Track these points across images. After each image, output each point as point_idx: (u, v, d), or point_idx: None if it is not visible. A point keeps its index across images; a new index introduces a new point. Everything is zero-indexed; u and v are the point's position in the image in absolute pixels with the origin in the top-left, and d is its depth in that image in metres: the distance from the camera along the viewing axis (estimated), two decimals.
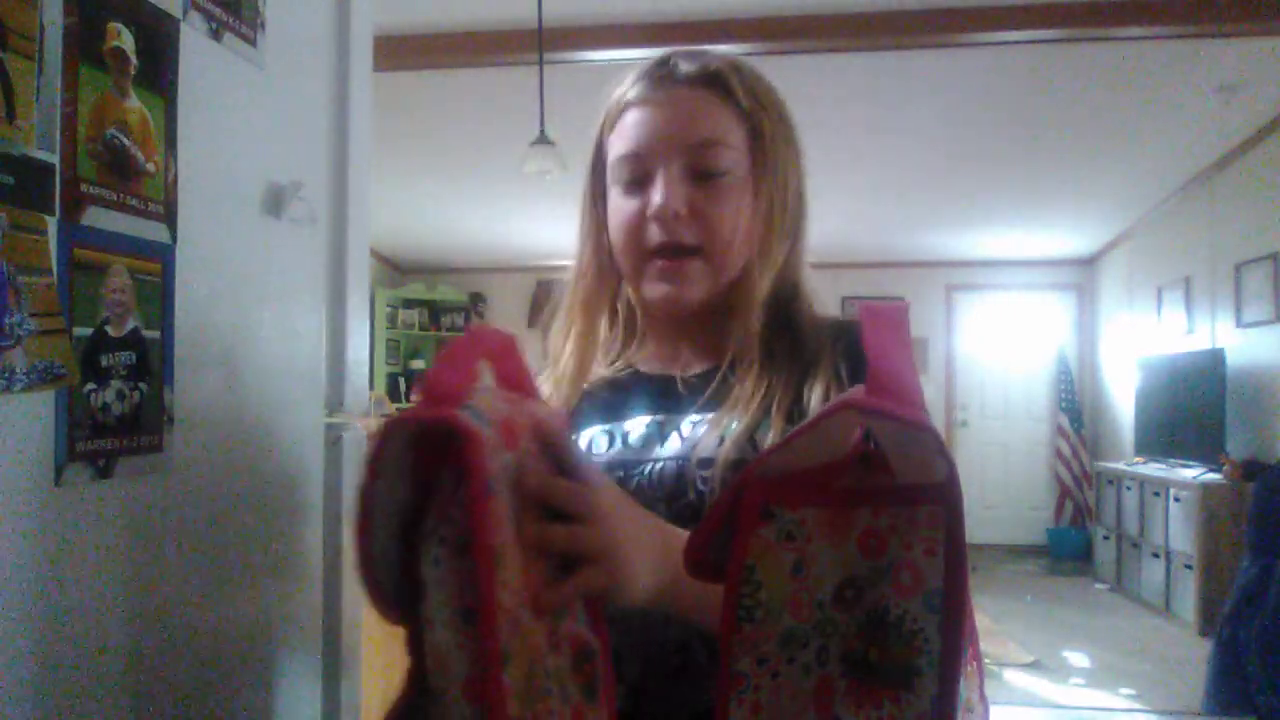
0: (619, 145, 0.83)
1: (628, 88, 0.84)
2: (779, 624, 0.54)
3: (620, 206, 0.83)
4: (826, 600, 0.54)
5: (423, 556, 0.56)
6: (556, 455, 0.63)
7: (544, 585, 0.57)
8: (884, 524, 0.53)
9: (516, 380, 0.64)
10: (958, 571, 0.50)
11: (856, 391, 0.54)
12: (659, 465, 0.79)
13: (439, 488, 0.57)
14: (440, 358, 0.58)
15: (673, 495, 0.77)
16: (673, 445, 0.80)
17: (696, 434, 0.80)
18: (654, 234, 0.80)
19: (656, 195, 0.79)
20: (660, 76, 0.83)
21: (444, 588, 0.55)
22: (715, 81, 0.83)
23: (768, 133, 0.84)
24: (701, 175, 0.81)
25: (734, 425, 0.78)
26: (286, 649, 0.72)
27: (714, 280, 0.83)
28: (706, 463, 0.77)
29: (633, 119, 0.83)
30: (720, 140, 0.81)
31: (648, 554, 0.62)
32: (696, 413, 0.82)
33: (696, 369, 0.86)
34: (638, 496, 0.75)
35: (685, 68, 0.83)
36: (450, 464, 0.57)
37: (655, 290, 0.83)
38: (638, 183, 0.82)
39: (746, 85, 0.84)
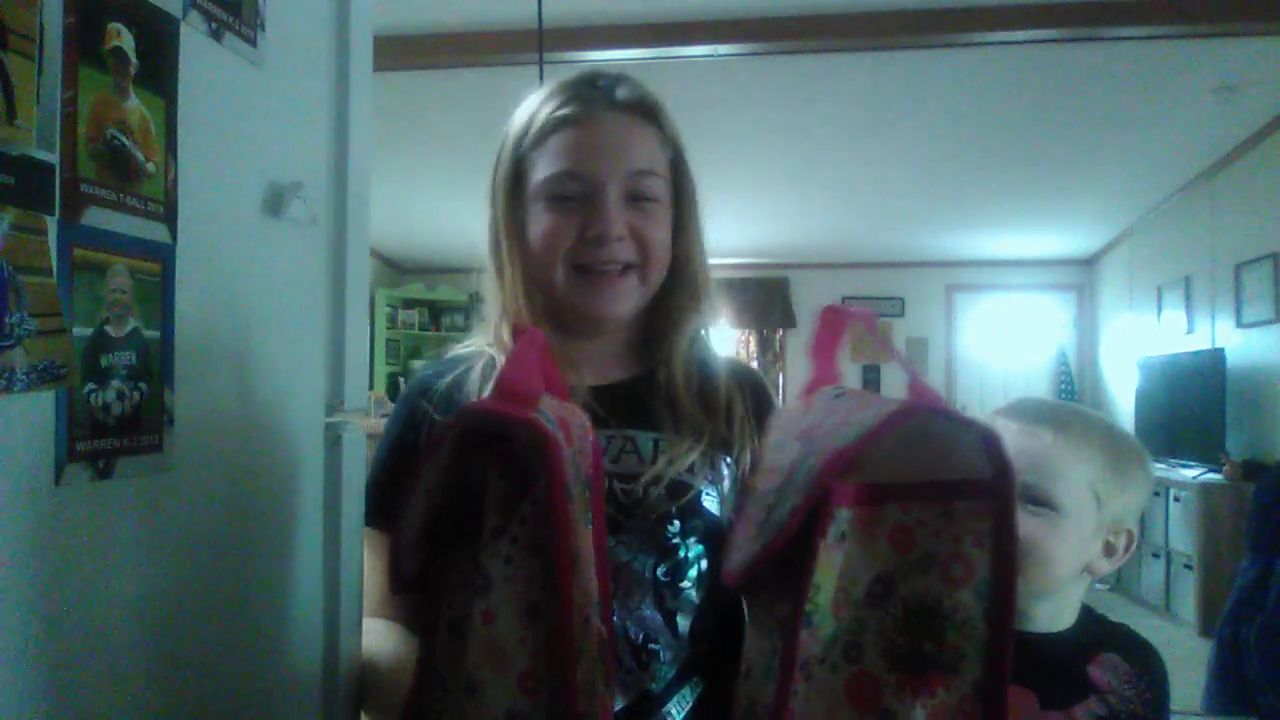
0: (553, 162, 0.86)
1: (559, 103, 0.86)
2: (827, 627, 0.54)
3: (550, 220, 0.86)
4: (860, 598, 0.54)
5: (486, 553, 0.58)
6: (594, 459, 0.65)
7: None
8: (912, 519, 0.54)
9: (551, 380, 0.67)
10: (1005, 562, 0.51)
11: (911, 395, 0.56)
12: (654, 483, 0.82)
13: (485, 484, 0.60)
14: (512, 359, 0.61)
15: (663, 519, 0.82)
16: (660, 464, 0.84)
17: (673, 454, 0.84)
18: (593, 253, 0.85)
19: (602, 221, 0.84)
20: (596, 98, 0.86)
21: (512, 584, 0.57)
22: (649, 111, 0.89)
23: (684, 164, 0.92)
24: (635, 198, 0.86)
25: (694, 455, 0.85)
26: (286, 648, 0.72)
27: (641, 297, 0.90)
28: (685, 487, 0.83)
29: (570, 138, 0.85)
30: (654, 170, 0.87)
31: None
32: (629, 429, 0.86)
33: (595, 381, 0.89)
34: (628, 509, 0.81)
35: (622, 94, 0.87)
36: (502, 463, 0.59)
37: (593, 303, 0.87)
38: (571, 199, 0.85)
39: (668, 117, 0.91)
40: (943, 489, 0.53)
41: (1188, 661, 4.00)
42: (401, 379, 7.11)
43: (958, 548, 0.52)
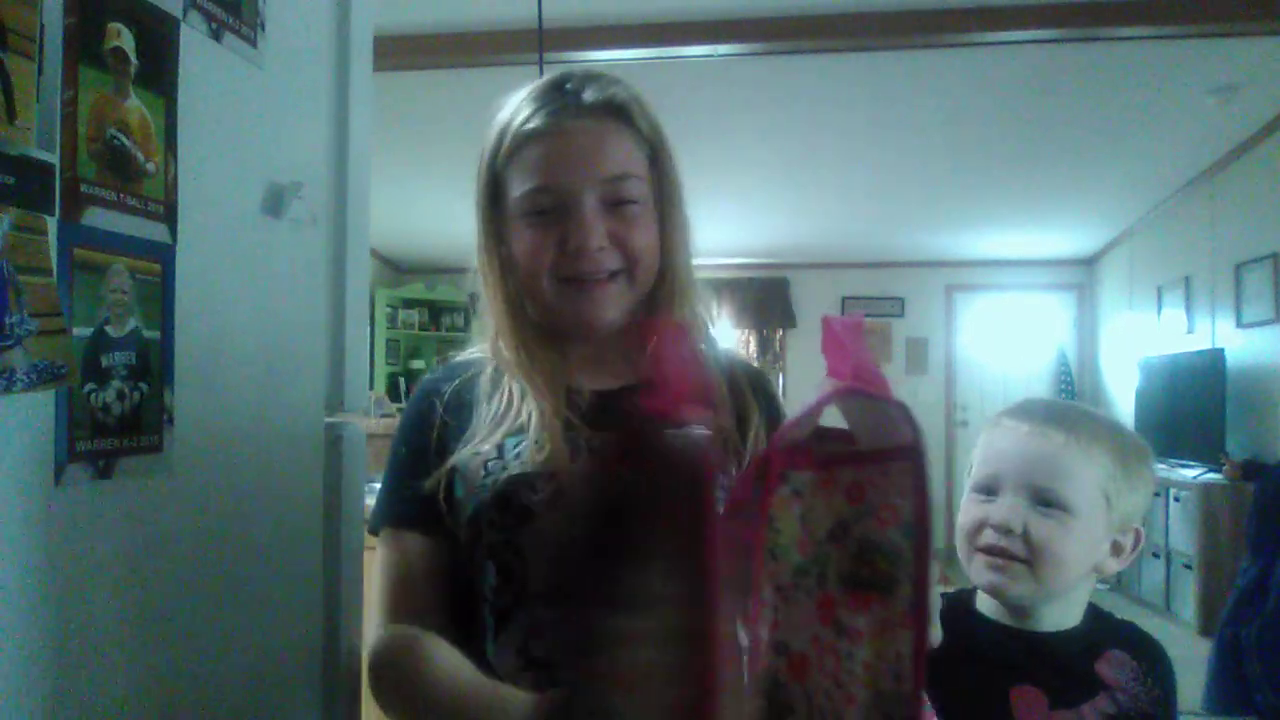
0: (526, 178, 0.84)
1: (527, 115, 0.84)
2: (791, 560, 0.65)
3: (529, 237, 0.85)
4: (823, 538, 0.65)
5: (634, 570, 0.57)
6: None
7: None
8: (863, 478, 0.65)
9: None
10: (923, 508, 0.63)
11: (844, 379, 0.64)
12: None
13: (636, 495, 0.59)
14: (669, 359, 0.60)
15: None
16: None
17: None
18: (575, 266, 0.83)
19: (580, 233, 0.82)
20: (563, 106, 0.84)
21: (661, 606, 0.56)
22: (620, 111, 0.86)
23: (665, 159, 0.89)
24: (613, 203, 0.84)
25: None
26: (286, 645, 0.73)
27: (631, 300, 0.87)
28: None
29: (540, 152, 0.83)
30: (631, 172, 0.85)
31: None
32: None
33: (595, 385, 0.88)
34: None
35: (589, 97, 0.85)
36: (657, 472, 0.59)
37: (582, 311, 0.85)
38: (547, 213, 0.83)
39: (644, 112, 0.88)
40: (882, 454, 0.65)
41: (1188, 661, 4.00)
42: (401, 379, 7.11)
43: (888, 498, 0.64)
